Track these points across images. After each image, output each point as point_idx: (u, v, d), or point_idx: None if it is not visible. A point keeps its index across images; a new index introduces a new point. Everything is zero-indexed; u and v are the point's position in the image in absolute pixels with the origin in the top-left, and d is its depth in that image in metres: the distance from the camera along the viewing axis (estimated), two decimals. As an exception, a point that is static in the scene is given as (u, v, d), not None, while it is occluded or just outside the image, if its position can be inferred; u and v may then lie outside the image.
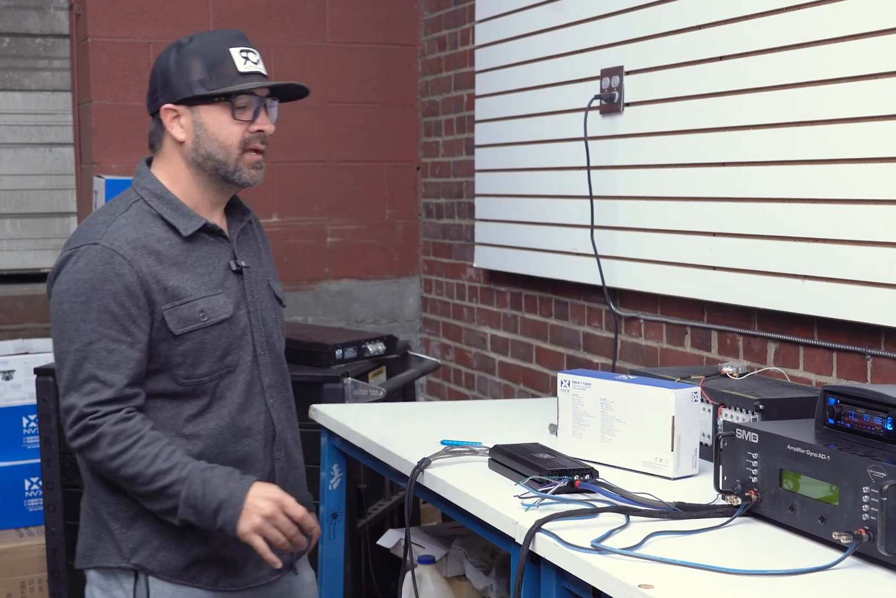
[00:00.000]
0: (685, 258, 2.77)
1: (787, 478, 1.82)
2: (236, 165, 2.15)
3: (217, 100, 2.14)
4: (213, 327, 2.15)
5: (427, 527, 3.03)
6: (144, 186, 2.19)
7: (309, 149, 4.40)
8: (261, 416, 2.23)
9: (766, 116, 2.51)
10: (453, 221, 4.28)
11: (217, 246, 2.21)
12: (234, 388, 2.19)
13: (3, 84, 4.33)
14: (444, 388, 4.39)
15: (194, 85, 2.14)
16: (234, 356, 2.19)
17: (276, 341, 2.31)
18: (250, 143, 2.15)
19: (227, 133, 2.14)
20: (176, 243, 2.15)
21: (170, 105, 2.16)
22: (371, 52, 4.47)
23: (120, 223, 2.13)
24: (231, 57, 2.14)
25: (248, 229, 2.33)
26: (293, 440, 2.33)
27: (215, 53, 2.14)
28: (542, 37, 3.40)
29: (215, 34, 2.18)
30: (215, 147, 2.15)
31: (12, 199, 4.37)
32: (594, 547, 1.73)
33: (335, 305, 4.47)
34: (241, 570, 2.20)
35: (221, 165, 2.15)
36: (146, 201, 2.17)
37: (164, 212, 2.16)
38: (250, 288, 2.24)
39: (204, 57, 2.14)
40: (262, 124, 2.16)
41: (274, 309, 2.31)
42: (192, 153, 2.16)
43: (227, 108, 2.14)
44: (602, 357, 3.28)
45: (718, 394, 2.28)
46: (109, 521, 2.16)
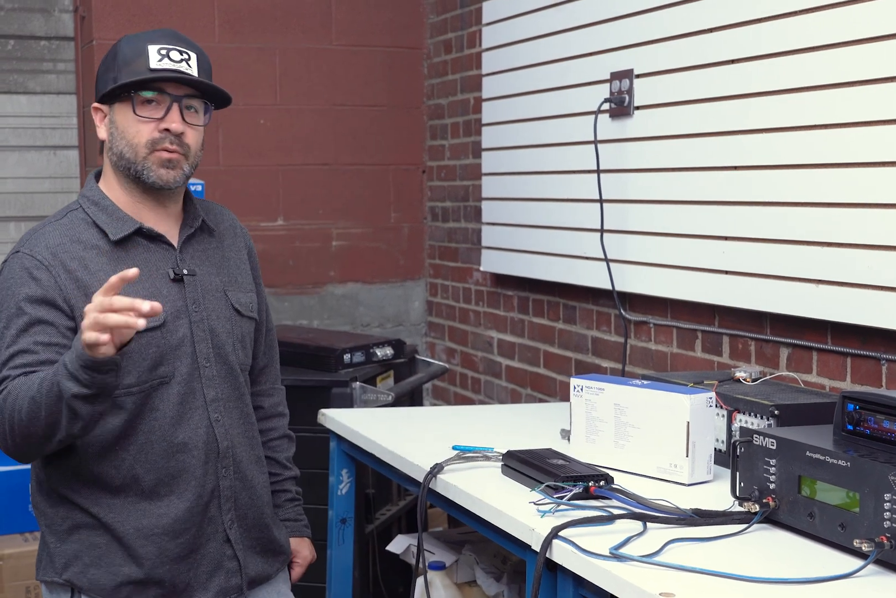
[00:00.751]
0: (696, 262, 2.76)
1: (805, 485, 1.80)
2: (143, 164, 2.07)
3: (124, 96, 2.08)
4: (140, 335, 2.00)
5: (437, 532, 3.02)
6: (84, 195, 2.15)
7: (314, 152, 4.39)
8: (200, 431, 2.11)
9: (779, 119, 2.50)
10: (459, 225, 4.27)
11: (157, 252, 2.13)
12: (167, 400, 2.08)
13: (8, 87, 4.32)
14: (450, 392, 4.38)
15: (108, 81, 2.09)
16: (167, 367, 2.09)
17: (230, 354, 2.18)
18: (159, 143, 2.06)
19: (133, 131, 2.07)
20: (106, 251, 2.08)
21: (96, 104, 2.13)
22: (377, 55, 4.46)
23: (46, 230, 2.09)
24: (146, 53, 2.06)
25: (212, 237, 2.23)
26: (251, 458, 2.21)
27: (131, 50, 2.08)
28: (550, 40, 3.39)
29: (145, 33, 2.12)
30: (124, 145, 2.08)
31: (17, 202, 4.36)
32: (612, 554, 1.71)
33: (340, 308, 4.45)
34: (182, 592, 2.11)
35: (131, 164, 2.08)
36: (84, 209, 2.12)
37: (99, 218, 2.10)
38: (194, 297, 2.14)
39: (121, 54, 2.09)
40: (169, 123, 2.06)
41: (230, 320, 2.19)
42: (109, 152, 2.12)
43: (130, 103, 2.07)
44: (611, 362, 3.26)
45: (732, 399, 2.27)
46: (46, 534, 2.12)
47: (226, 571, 2.16)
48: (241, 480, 2.18)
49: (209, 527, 2.13)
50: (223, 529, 2.15)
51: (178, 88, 2.08)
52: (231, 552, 2.16)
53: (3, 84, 4.31)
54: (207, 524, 2.13)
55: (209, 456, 2.12)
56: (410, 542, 2.84)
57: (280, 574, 2.32)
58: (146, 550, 2.07)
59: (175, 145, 2.07)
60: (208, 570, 2.13)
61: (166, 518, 2.08)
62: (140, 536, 2.07)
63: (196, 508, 2.11)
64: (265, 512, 2.24)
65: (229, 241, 2.29)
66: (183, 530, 2.10)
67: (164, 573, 2.09)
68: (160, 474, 2.09)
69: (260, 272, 2.36)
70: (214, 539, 2.14)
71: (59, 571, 2.09)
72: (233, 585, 2.17)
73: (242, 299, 2.24)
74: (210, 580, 2.14)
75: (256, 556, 2.22)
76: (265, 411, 2.39)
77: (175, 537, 2.09)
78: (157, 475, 2.08)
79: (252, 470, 2.21)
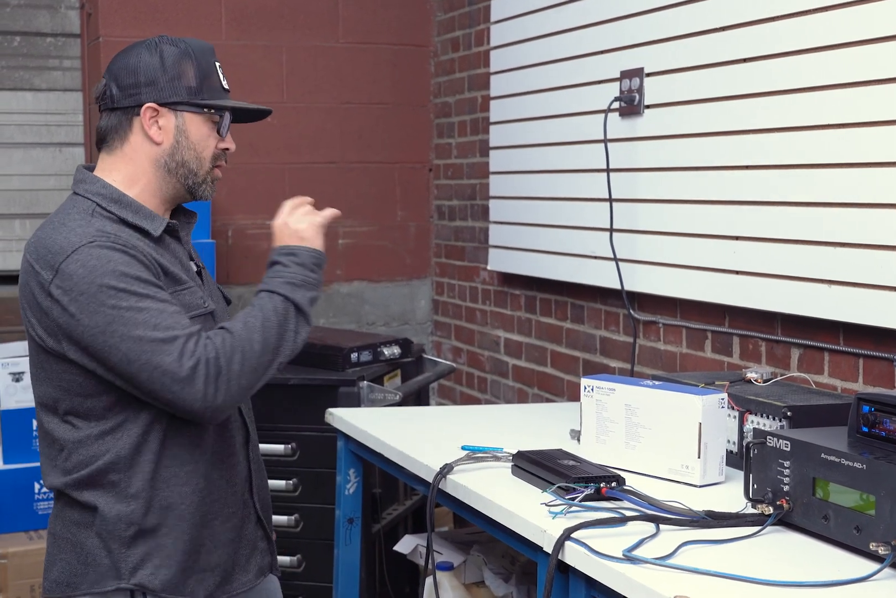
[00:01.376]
0: (707, 262, 2.74)
1: (820, 487, 1.79)
2: (205, 177, 2.12)
3: (206, 111, 2.10)
4: (208, 315, 2.10)
5: (445, 533, 3.00)
6: (97, 193, 2.05)
7: (320, 150, 4.37)
8: (234, 415, 2.15)
9: (791, 118, 2.48)
10: (466, 224, 4.25)
11: (177, 246, 2.15)
12: None
13: (14, 83, 4.31)
14: (457, 391, 4.36)
15: (188, 91, 2.09)
16: None
17: None
18: (218, 159, 2.14)
19: (205, 145, 2.10)
20: (148, 244, 2.06)
21: (153, 104, 2.08)
22: (383, 53, 4.44)
23: (97, 225, 1.99)
24: (217, 70, 2.13)
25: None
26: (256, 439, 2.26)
27: (206, 63, 2.11)
28: (560, 37, 3.37)
29: (198, 43, 2.13)
30: (192, 156, 2.10)
31: (22, 199, 4.34)
32: (626, 557, 1.70)
33: (346, 307, 4.44)
34: (231, 576, 2.14)
35: (192, 174, 2.10)
36: (104, 208, 2.04)
37: (127, 215, 2.05)
38: (209, 288, 2.19)
39: (197, 65, 2.09)
40: (230, 143, 2.14)
41: (224, 310, 2.25)
42: (167, 157, 2.09)
43: (211, 121, 2.10)
44: (619, 361, 3.25)
45: (744, 400, 2.26)
46: (108, 541, 2.03)
47: (260, 551, 2.20)
48: (257, 463, 2.23)
49: (244, 510, 2.16)
50: (254, 511, 2.19)
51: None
52: (262, 533, 2.21)
53: (8, 81, 4.30)
54: (243, 507, 2.16)
55: (242, 440, 2.16)
56: (418, 542, 2.83)
57: None
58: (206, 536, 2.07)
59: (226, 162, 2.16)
60: (247, 552, 2.16)
61: (220, 503, 2.10)
62: (205, 523, 2.07)
63: (241, 491, 2.15)
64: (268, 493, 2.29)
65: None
66: (231, 513, 2.12)
67: (218, 557, 2.11)
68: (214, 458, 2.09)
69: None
70: (250, 521, 2.17)
71: (127, 576, 2.02)
72: (266, 563, 2.21)
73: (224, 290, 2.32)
74: (248, 561, 2.17)
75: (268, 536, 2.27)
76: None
77: (226, 520, 2.11)
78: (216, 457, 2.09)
79: (259, 454, 2.26)
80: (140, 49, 2.09)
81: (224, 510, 2.10)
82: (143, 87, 2.07)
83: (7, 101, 4.30)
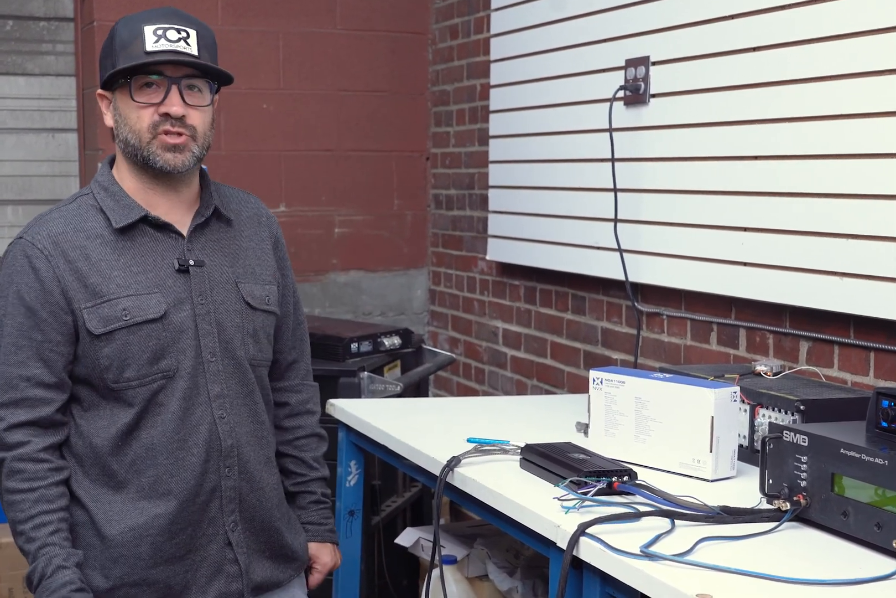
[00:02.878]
0: (715, 254, 2.71)
1: (838, 482, 1.76)
2: (148, 149, 2.01)
3: (123, 82, 2.01)
4: (139, 326, 2.00)
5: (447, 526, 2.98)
6: (96, 180, 2.11)
7: (317, 138, 4.33)
8: (202, 427, 2.04)
9: (801, 108, 2.45)
10: (464, 213, 4.21)
11: (164, 241, 2.06)
12: (172, 395, 2.03)
13: (6, 68, 4.25)
14: (454, 382, 4.33)
15: (107, 67, 2.03)
16: (170, 361, 2.02)
17: (238, 348, 2.10)
18: (160, 126, 2.00)
19: (134, 117, 2.01)
20: (111, 239, 2.03)
21: (100, 90, 2.08)
22: (381, 40, 4.40)
23: (52, 217, 2.06)
24: (142, 35, 1.99)
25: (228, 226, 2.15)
26: (259, 459, 2.13)
27: (127, 33, 2.01)
28: (563, 25, 3.33)
29: (143, 13, 2.04)
30: (128, 132, 2.03)
31: (14, 185, 4.29)
32: (643, 553, 1.67)
33: (342, 296, 4.40)
34: (180, 594, 2.05)
35: (137, 150, 2.02)
36: (94, 194, 2.08)
37: (106, 204, 2.05)
38: (200, 289, 2.06)
39: (118, 38, 2.02)
40: (168, 106, 1.99)
41: (241, 314, 2.11)
42: (118, 140, 2.07)
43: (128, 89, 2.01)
44: (621, 353, 3.22)
45: (755, 394, 2.23)
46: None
47: (226, 575, 2.08)
48: (248, 481, 2.10)
49: (209, 528, 2.06)
50: (224, 531, 2.07)
51: (176, 70, 2.01)
52: (232, 556, 2.09)
53: (1, 65, 4.24)
54: (208, 525, 2.06)
55: (210, 454, 2.05)
56: (420, 535, 2.80)
57: (295, 580, 2.23)
58: (140, 550, 2.01)
59: (178, 127, 2.01)
60: (208, 573, 2.07)
61: (162, 518, 2.02)
62: (135, 536, 2.01)
63: (192, 507, 2.04)
64: (274, 515, 2.16)
65: (250, 230, 2.20)
66: (178, 530, 2.03)
67: (159, 573, 2.03)
68: (159, 471, 2.03)
69: (289, 263, 2.29)
70: (215, 541, 2.07)
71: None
72: (233, 590, 2.09)
73: (256, 292, 2.15)
74: (209, 583, 2.07)
75: (265, 561, 2.14)
76: (291, 407, 2.30)
77: (171, 537, 2.03)
78: (157, 472, 2.03)
79: (261, 471, 2.13)
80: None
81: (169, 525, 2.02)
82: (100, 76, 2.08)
83: (-1, 85, 4.25)
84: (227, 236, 2.16)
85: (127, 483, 2.03)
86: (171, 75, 2.01)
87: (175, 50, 2.00)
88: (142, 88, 2.01)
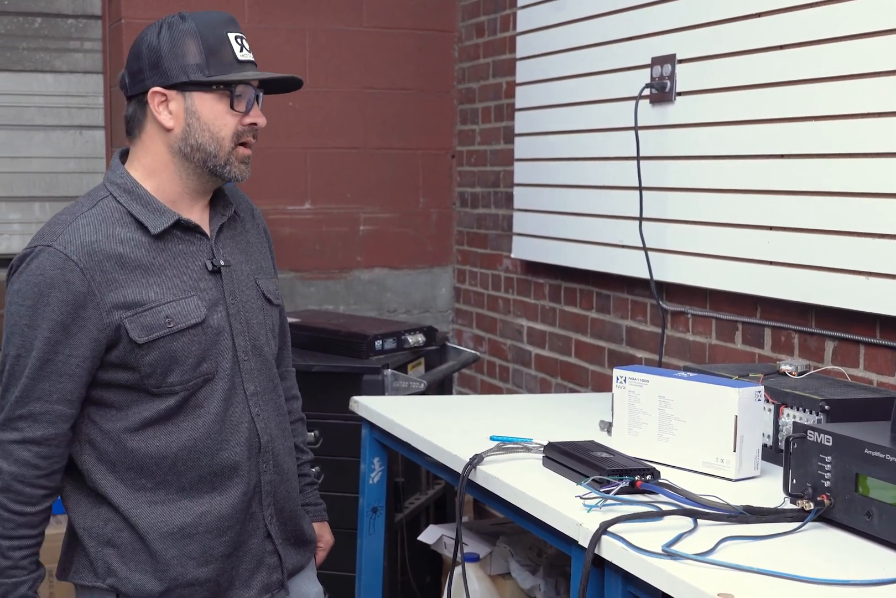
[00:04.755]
0: (740, 252, 2.70)
1: (863, 483, 1.75)
2: (227, 158, 2.00)
3: (215, 88, 1.98)
4: (182, 333, 1.99)
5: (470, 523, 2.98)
6: (114, 182, 2.03)
7: (343, 135, 4.34)
8: (242, 426, 2.06)
9: (827, 107, 2.44)
10: (489, 211, 4.21)
11: (193, 244, 2.05)
12: (212, 396, 2.03)
13: (35, 65, 4.28)
14: (478, 380, 4.33)
15: (191, 69, 1.96)
16: (210, 363, 2.03)
17: (264, 345, 2.13)
18: (243, 136, 2.01)
19: (221, 124, 1.98)
20: (143, 244, 1.99)
21: (159, 88, 1.98)
22: (407, 38, 4.40)
23: (79, 224, 1.97)
24: (229, 42, 1.98)
25: (236, 223, 2.16)
26: (286, 451, 2.17)
27: (213, 37, 1.97)
28: (589, 23, 3.33)
29: (210, 15, 2.01)
30: (207, 138, 1.98)
31: (42, 181, 4.32)
32: (666, 552, 1.67)
33: (367, 294, 4.41)
34: (226, 591, 2.07)
35: (211, 157, 1.99)
36: (115, 197, 2.01)
37: (134, 208, 2.00)
38: (231, 289, 2.07)
39: (202, 40, 1.97)
40: (256, 117, 2.01)
41: (262, 310, 2.13)
42: (180, 143, 2.00)
43: (225, 97, 1.98)
44: (646, 352, 3.21)
45: (780, 393, 2.22)
46: (84, 537, 2.03)
47: (267, 567, 2.12)
48: (280, 473, 2.13)
49: (250, 523, 2.09)
50: (263, 524, 2.10)
51: (256, 81, 2.03)
52: (272, 548, 2.12)
53: (29, 62, 4.27)
54: (249, 521, 2.08)
55: (251, 451, 2.07)
56: (443, 533, 2.80)
57: (310, 562, 2.30)
58: (190, 549, 2.02)
59: (255, 138, 2.04)
60: (251, 567, 2.09)
61: (210, 516, 2.03)
62: (183, 535, 2.01)
63: (241, 505, 2.06)
64: (297, 503, 2.21)
65: (249, 225, 2.21)
66: (227, 527, 2.05)
67: (210, 572, 2.04)
68: (203, 472, 2.03)
69: (274, 253, 2.30)
70: (256, 535, 2.09)
71: (102, 576, 2.02)
72: (274, 580, 2.13)
73: (270, 287, 2.18)
74: (252, 576, 2.09)
75: (291, 548, 2.18)
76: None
77: (219, 535, 2.04)
78: (200, 473, 2.03)
79: (287, 462, 2.17)
80: (147, 32, 2.02)
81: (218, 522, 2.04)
82: (147, 71, 1.99)
83: (28, 82, 4.27)
84: (239, 233, 2.17)
85: (167, 485, 2.02)
86: (255, 86, 2.03)
87: (253, 61, 2.03)
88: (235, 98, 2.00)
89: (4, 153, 4.26)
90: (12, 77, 4.25)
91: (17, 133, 4.28)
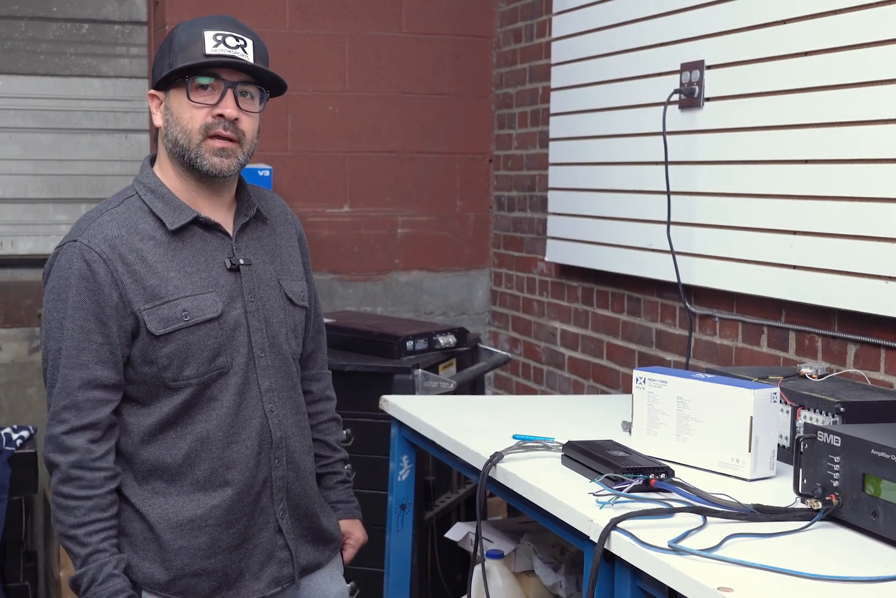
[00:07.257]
0: (765, 257, 2.73)
1: (870, 483, 1.78)
2: (197, 151, 2.05)
3: (179, 82, 2.05)
4: (199, 326, 2.06)
5: (496, 521, 3.02)
6: (140, 181, 2.14)
7: (382, 139, 4.40)
8: (254, 421, 2.12)
9: (853, 112, 2.46)
10: (525, 215, 4.26)
11: (213, 241, 2.12)
12: (226, 390, 2.10)
13: (82, 70, 4.38)
14: (513, 382, 4.38)
15: (165, 67, 2.07)
16: (225, 358, 2.10)
17: (283, 344, 2.20)
18: (212, 128, 2.04)
19: (187, 117, 2.05)
20: (164, 240, 2.08)
21: (152, 90, 2.12)
22: (446, 44, 4.45)
23: (104, 220, 2.07)
24: (202, 39, 2.04)
25: (265, 225, 2.23)
26: (303, 448, 2.23)
27: (186, 35, 2.06)
28: (621, 30, 3.37)
29: (202, 19, 2.10)
30: (178, 131, 2.06)
31: (88, 184, 4.42)
32: (671, 547, 1.71)
33: (404, 296, 4.47)
34: (235, 582, 2.13)
35: (185, 151, 2.06)
36: (140, 196, 2.11)
37: (156, 206, 2.09)
38: (250, 287, 2.14)
39: (177, 40, 2.07)
40: (223, 108, 2.04)
41: (284, 310, 2.20)
42: (165, 140, 2.10)
43: (185, 89, 2.05)
44: (675, 355, 3.24)
45: (797, 395, 2.25)
46: None
47: (278, 560, 2.17)
48: (294, 470, 2.19)
49: (261, 517, 2.15)
50: (275, 519, 2.16)
51: (233, 74, 2.07)
52: (283, 542, 2.18)
53: (77, 67, 4.37)
54: (259, 514, 2.14)
55: (262, 446, 2.13)
56: (469, 530, 2.85)
57: (332, 560, 2.33)
58: (199, 541, 2.08)
59: (229, 131, 2.06)
60: (260, 560, 2.15)
61: (219, 509, 2.10)
62: (193, 527, 2.08)
63: (247, 497, 2.12)
64: (315, 501, 2.26)
65: (281, 228, 2.28)
66: (234, 520, 2.11)
67: (217, 563, 2.11)
68: (215, 464, 2.10)
69: (309, 258, 2.37)
70: (266, 529, 2.15)
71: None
72: (285, 574, 2.18)
73: (294, 288, 2.24)
74: (262, 569, 2.15)
75: (307, 545, 2.24)
76: (314, 395, 2.40)
77: (227, 527, 2.11)
78: (212, 465, 2.10)
79: (304, 460, 2.23)
80: None
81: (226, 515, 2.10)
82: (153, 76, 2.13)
83: (75, 87, 4.37)
84: (266, 235, 2.23)
85: (180, 477, 2.09)
86: (228, 79, 2.07)
87: (234, 55, 2.06)
88: (197, 90, 2.06)
89: (52, 156, 4.37)
90: (61, 82, 4.36)
91: (64, 136, 4.38)
